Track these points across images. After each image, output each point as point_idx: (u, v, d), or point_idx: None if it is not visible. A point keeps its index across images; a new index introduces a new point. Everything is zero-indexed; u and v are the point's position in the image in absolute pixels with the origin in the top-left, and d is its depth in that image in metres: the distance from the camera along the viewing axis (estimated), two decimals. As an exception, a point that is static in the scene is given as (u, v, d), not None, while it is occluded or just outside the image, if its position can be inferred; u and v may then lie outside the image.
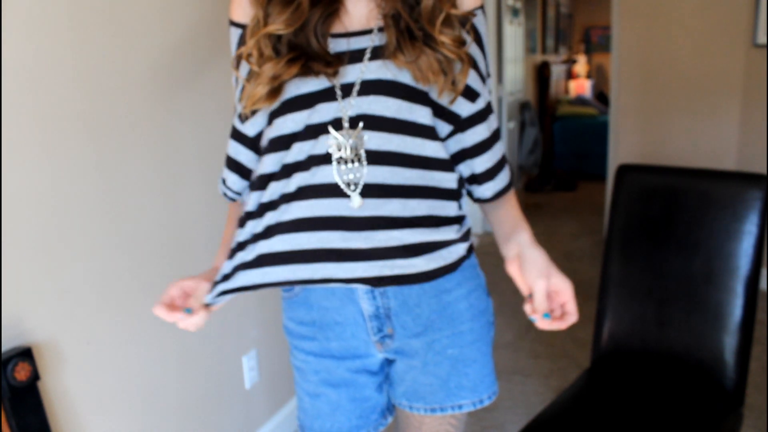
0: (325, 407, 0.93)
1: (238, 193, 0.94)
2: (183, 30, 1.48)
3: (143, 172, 1.39)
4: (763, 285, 2.86)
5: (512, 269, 0.84)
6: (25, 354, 1.08)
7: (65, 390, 1.22)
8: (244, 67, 0.82)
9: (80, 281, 1.24)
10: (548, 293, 0.81)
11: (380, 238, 0.79)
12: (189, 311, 0.83)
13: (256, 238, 0.83)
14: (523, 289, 0.83)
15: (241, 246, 0.85)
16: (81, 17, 1.21)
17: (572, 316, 0.81)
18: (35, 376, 1.09)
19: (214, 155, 1.59)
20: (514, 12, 4.49)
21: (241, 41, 0.85)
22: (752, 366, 2.20)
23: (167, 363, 1.49)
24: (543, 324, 0.79)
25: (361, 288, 0.85)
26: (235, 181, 0.91)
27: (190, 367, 1.57)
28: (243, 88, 0.82)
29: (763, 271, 2.83)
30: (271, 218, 0.82)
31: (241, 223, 0.86)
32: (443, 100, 0.82)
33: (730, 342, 1.37)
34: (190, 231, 1.54)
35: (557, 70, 6.38)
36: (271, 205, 0.82)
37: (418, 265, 0.82)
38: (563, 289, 0.80)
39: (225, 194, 0.95)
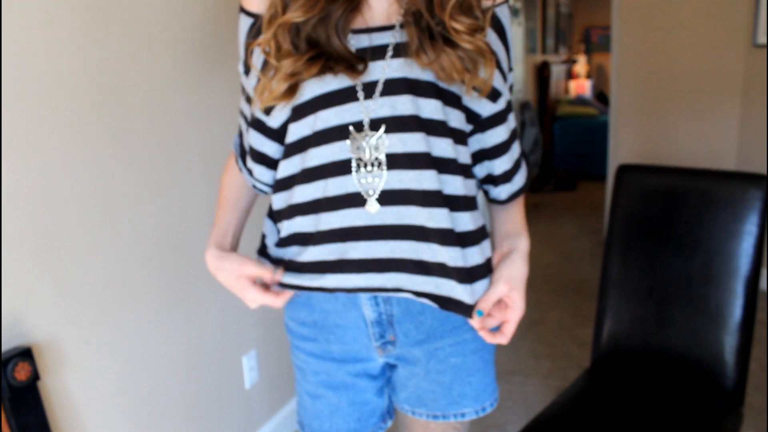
0: (324, 409, 0.93)
1: (271, 186, 0.90)
2: (182, 30, 1.48)
3: (143, 172, 1.39)
4: (763, 285, 2.86)
5: (494, 260, 0.88)
6: (25, 354, 1.08)
7: (65, 390, 1.22)
8: (259, 58, 0.80)
9: (80, 281, 1.24)
10: (500, 301, 0.84)
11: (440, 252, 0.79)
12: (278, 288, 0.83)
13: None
14: None
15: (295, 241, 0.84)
16: (80, 17, 1.21)
17: (504, 338, 0.84)
18: (35, 376, 1.09)
19: (214, 155, 1.59)
20: (514, 12, 4.49)
21: (253, 31, 0.83)
22: (752, 366, 2.20)
23: (167, 363, 1.49)
24: (474, 321, 0.82)
25: (364, 294, 0.84)
26: (262, 172, 0.88)
27: (190, 367, 1.57)
28: (258, 80, 0.80)
29: (763, 271, 2.83)
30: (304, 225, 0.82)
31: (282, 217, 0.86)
32: (472, 101, 0.81)
33: (730, 342, 1.37)
34: (190, 231, 1.54)
35: (557, 70, 6.37)
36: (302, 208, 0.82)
37: (463, 295, 0.81)
38: (515, 309, 0.84)
39: (255, 186, 0.92)
